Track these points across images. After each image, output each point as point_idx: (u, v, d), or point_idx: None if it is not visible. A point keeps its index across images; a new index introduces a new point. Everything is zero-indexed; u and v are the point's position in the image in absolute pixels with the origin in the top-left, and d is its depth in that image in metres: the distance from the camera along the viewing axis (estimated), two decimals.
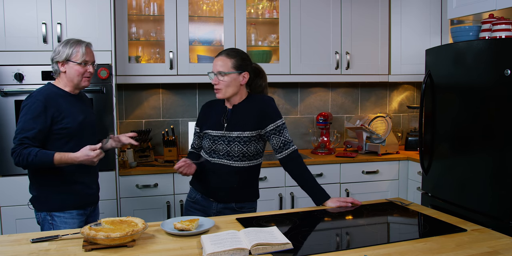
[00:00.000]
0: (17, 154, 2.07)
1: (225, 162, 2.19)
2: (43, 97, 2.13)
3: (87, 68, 2.21)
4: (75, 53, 2.17)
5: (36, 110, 2.10)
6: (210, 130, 2.23)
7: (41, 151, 2.07)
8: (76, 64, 2.18)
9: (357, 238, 1.82)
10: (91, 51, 2.24)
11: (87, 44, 2.23)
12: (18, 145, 2.08)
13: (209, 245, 1.55)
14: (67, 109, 2.18)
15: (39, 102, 2.11)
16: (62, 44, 2.20)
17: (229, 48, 2.25)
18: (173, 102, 3.69)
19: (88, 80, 2.25)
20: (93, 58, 2.26)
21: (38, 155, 2.04)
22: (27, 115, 2.10)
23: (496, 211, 2.52)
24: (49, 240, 1.69)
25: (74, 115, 2.20)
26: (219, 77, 2.17)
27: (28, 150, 2.05)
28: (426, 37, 3.63)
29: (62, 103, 2.18)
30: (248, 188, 2.28)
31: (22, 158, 2.06)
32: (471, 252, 1.58)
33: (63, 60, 2.17)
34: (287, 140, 2.21)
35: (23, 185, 2.87)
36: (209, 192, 2.24)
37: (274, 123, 2.20)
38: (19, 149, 2.07)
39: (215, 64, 2.19)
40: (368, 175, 3.50)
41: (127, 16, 3.23)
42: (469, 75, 2.71)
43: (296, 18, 3.53)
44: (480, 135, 2.64)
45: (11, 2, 2.82)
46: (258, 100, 2.24)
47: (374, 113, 4.10)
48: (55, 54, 2.19)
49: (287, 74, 3.54)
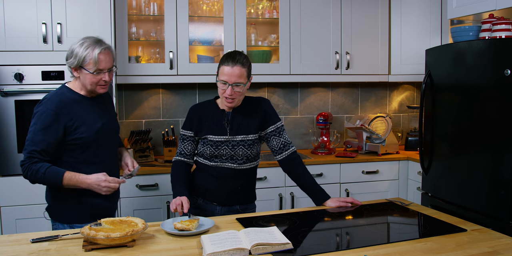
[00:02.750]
0: (25, 168, 1.93)
1: (228, 165, 2.17)
2: (54, 105, 1.97)
3: (101, 77, 2.01)
4: (87, 60, 1.96)
5: (46, 120, 1.94)
6: (211, 135, 2.15)
7: (51, 168, 1.92)
8: (89, 73, 1.98)
9: (357, 238, 1.82)
10: (106, 56, 1.99)
11: (103, 48, 1.99)
12: (27, 158, 1.93)
13: (209, 245, 1.55)
14: (82, 117, 2.01)
15: (50, 111, 1.95)
16: (78, 44, 1.99)
17: (236, 54, 2.10)
18: (173, 102, 3.69)
19: (103, 88, 2.05)
20: (110, 64, 2.02)
21: (47, 173, 1.91)
22: (37, 125, 1.95)
23: (496, 211, 2.52)
24: (49, 240, 1.69)
25: (90, 123, 2.03)
26: (236, 88, 2.05)
27: (37, 166, 1.91)
28: (426, 37, 3.63)
29: (76, 110, 2.01)
30: (250, 189, 2.29)
31: (31, 173, 1.92)
32: (471, 252, 1.58)
33: (76, 66, 1.99)
34: (287, 142, 2.22)
35: (23, 185, 2.87)
36: (212, 197, 2.21)
37: (274, 125, 2.21)
38: (28, 164, 1.93)
39: (231, 74, 2.03)
40: (368, 175, 3.50)
41: (127, 16, 3.23)
42: (469, 75, 2.71)
43: (296, 18, 3.52)
44: (480, 135, 2.64)
45: (11, 2, 2.82)
46: (257, 102, 2.23)
47: (374, 113, 4.09)
48: (68, 56, 2.00)
49: (287, 74, 3.54)
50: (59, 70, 2.90)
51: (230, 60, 2.05)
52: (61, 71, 2.91)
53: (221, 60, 2.09)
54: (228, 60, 2.06)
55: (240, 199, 2.23)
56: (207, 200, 2.22)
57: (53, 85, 2.89)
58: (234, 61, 2.04)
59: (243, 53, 2.13)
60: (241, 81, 2.04)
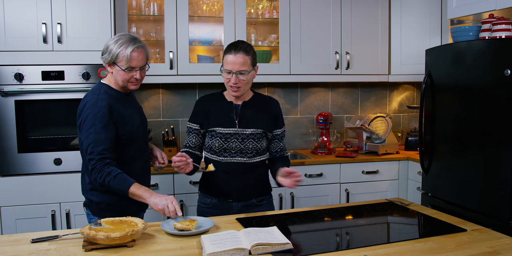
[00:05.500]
0: (97, 170, 1.90)
1: (239, 160, 2.16)
2: (106, 102, 1.98)
3: (133, 74, 2.01)
4: (120, 57, 1.97)
5: (104, 118, 1.95)
6: (219, 127, 2.14)
7: (122, 175, 1.90)
8: (121, 69, 1.99)
9: (357, 238, 1.82)
10: (139, 55, 2.00)
11: (136, 47, 1.99)
12: (98, 160, 1.90)
13: (209, 245, 1.55)
14: (124, 113, 2.04)
15: (104, 109, 1.96)
16: (114, 40, 2.00)
17: (239, 42, 2.10)
18: (173, 102, 3.69)
19: (135, 85, 2.06)
20: (142, 62, 2.02)
21: (117, 177, 1.88)
22: (96, 124, 1.93)
23: (496, 211, 2.52)
24: (49, 240, 1.69)
25: (131, 119, 2.06)
26: (240, 76, 2.04)
27: (109, 169, 1.89)
28: (426, 37, 3.63)
29: (119, 106, 2.04)
30: (264, 182, 2.28)
31: (101, 175, 1.89)
32: (471, 252, 1.58)
33: (109, 62, 2.01)
34: (284, 147, 2.31)
35: (23, 185, 2.88)
36: (226, 194, 2.19)
37: (281, 129, 2.27)
38: (100, 165, 1.90)
39: (234, 62, 2.03)
40: (368, 175, 3.50)
41: (127, 16, 3.22)
42: (469, 75, 2.71)
43: (296, 18, 3.52)
44: (480, 135, 2.64)
45: (11, 2, 2.82)
46: (268, 100, 2.27)
47: (374, 113, 4.09)
48: (103, 51, 2.02)
49: (287, 74, 3.54)
50: (59, 70, 2.91)
51: (233, 48, 2.06)
52: (61, 71, 2.91)
53: (224, 50, 2.10)
54: (231, 48, 2.07)
55: (255, 193, 2.22)
56: (222, 198, 2.20)
57: (53, 85, 2.90)
58: (237, 49, 2.05)
59: (246, 42, 2.13)
60: (245, 68, 2.04)
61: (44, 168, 2.93)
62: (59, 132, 2.95)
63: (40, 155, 2.92)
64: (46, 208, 2.92)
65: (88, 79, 2.95)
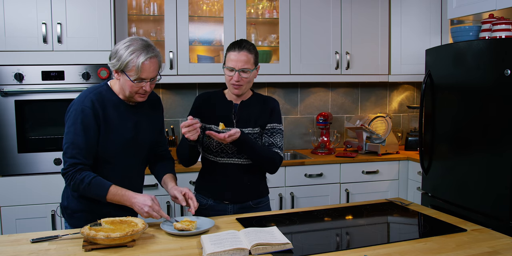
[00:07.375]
0: (68, 177, 1.79)
1: (235, 161, 2.14)
2: (90, 103, 1.81)
3: (142, 86, 1.81)
4: (130, 66, 1.77)
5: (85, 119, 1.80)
6: (217, 126, 2.12)
7: (96, 179, 1.78)
8: (129, 80, 1.79)
9: (357, 238, 1.82)
10: (151, 65, 1.79)
11: (150, 57, 1.77)
12: (70, 165, 1.78)
13: (209, 245, 1.55)
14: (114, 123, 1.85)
15: (88, 110, 1.81)
16: (125, 45, 1.79)
17: (243, 41, 2.08)
18: (173, 102, 3.69)
19: (142, 97, 1.86)
20: (153, 74, 1.81)
21: (92, 184, 1.77)
22: (77, 124, 1.80)
23: (496, 211, 2.52)
24: (49, 240, 1.69)
25: (120, 132, 1.86)
26: (243, 74, 2.03)
27: (82, 175, 1.77)
28: (426, 37, 3.63)
29: (110, 113, 1.85)
30: (261, 183, 2.25)
31: (74, 183, 1.78)
32: (471, 252, 1.58)
33: (117, 69, 1.81)
34: (275, 144, 2.15)
35: (23, 185, 2.88)
36: (222, 195, 2.17)
37: (272, 124, 2.18)
38: (71, 172, 1.78)
39: (238, 59, 2.02)
40: (368, 175, 3.50)
41: (127, 16, 3.22)
42: (469, 75, 2.71)
43: (296, 18, 3.52)
44: (480, 135, 2.64)
45: (11, 2, 2.82)
46: (267, 100, 2.23)
47: (374, 113, 4.09)
48: (112, 56, 1.82)
49: (287, 74, 3.54)
50: (59, 70, 2.91)
51: (237, 46, 2.06)
52: (61, 71, 2.91)
53: (227, 48, 2.10)
54: (235, 46, 2.06)
55: (252, 195, 2.20)
56: (218, 200, 2.18)
57: (53, 85, 2.90)
58: (241, 47, 2.04)
59: (249, 41, 2.13)
60: (247, 66, 2.04)
61: (44, 168, 2.93)
62: (59, 132, 2.95)
63: (40, 155, 2.92)
64: (46, 208, 2.92)
65: (88, 79, 2.95)
